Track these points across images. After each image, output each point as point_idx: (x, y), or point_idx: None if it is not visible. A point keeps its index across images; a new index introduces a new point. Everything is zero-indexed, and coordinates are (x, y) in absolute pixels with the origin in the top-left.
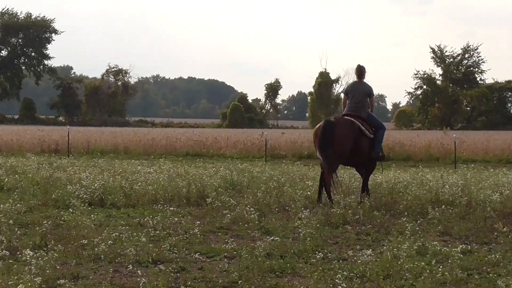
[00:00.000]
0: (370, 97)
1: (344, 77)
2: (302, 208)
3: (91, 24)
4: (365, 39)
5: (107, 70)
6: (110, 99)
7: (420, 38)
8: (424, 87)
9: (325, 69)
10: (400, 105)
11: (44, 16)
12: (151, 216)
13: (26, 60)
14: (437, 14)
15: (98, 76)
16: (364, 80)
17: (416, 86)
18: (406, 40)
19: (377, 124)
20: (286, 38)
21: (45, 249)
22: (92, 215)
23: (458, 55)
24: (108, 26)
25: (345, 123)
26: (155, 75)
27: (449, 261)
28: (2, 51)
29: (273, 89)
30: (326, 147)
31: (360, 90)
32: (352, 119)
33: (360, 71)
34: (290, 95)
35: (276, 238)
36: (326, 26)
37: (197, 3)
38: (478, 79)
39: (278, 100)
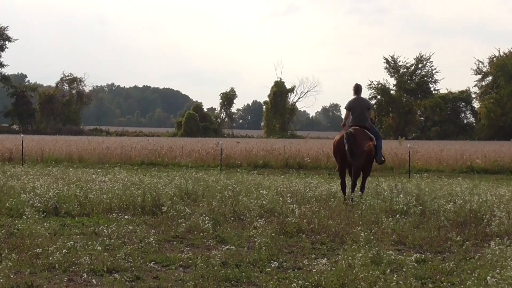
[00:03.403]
0: (369, 110)
1: (299, 86)
2: (257, 217)
3: (45, 32)
4: (321, 48)
5: (61, 79)
6: (64, 107)
7: (376, 48)
8: (378, 97)
9: (280, 78)
10: None
11: None
12: (106, 225)
13: None
14: (394, 24)
15: (53, 84)
16: (362, 96)
17: (370, 96)
18: (362, 50)
19: (377, 133)
20: (242, 47)
21: None
22: (46, 224)
23: (412, 65)
24: (62, 34)
25: (363, 133)
26: (109, 83)
27: (404, 270)
28: None
29: (228, 98)
30: (357, 154)
31: (361, 105)
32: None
33: (357, 88)
34: (245, 104)
35: (231, 247)
36: (282, 35)
37: (152, 11)
38: (431, 89)
39: (233, 109)
